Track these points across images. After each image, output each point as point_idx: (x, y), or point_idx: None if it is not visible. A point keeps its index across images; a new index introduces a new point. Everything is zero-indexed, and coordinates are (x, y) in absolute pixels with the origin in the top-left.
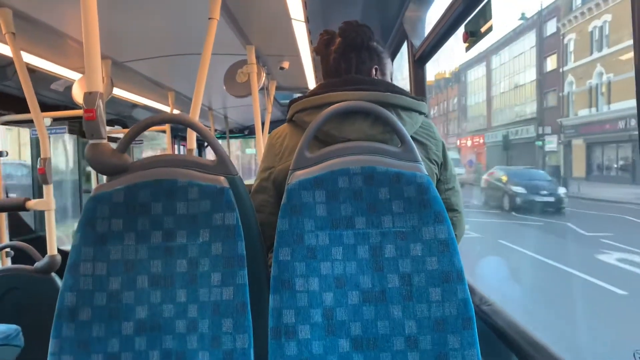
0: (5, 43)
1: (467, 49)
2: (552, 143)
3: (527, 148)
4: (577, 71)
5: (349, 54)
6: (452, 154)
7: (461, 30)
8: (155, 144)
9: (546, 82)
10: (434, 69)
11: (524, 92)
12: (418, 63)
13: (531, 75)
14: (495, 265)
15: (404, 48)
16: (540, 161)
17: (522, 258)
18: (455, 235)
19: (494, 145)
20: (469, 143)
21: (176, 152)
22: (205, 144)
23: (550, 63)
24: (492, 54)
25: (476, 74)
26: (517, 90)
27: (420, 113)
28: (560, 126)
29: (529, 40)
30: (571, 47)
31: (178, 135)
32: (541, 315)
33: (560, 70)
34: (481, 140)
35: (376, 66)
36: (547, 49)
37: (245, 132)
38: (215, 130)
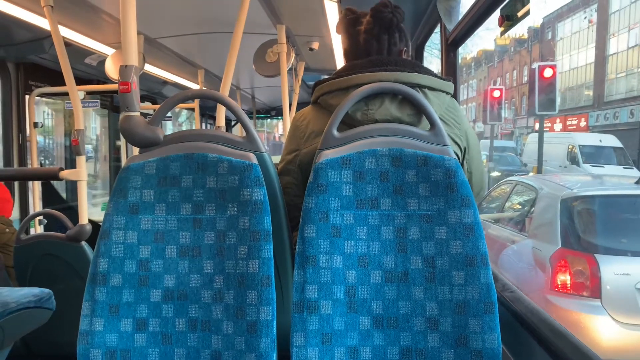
0: (44, 16)
1: (502, 33)
2: None
3: None
4: None
5: (382, 34)
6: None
7: (496, 14)
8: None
9: None
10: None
11: None
12: (451, 47)
13: None
14: None
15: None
16: None
17: None
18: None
19: (616, 130)
20: (558, 127)
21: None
22: (233, 123)
23: None
24: None
25: (575, 25)
26: None
27: (447, 93)
28: None
29: None
30: None
31: (206, 114)
32: None
33: None
34: (583, 123)
35: (405, 47)
36: None
37: (272, 112)
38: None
